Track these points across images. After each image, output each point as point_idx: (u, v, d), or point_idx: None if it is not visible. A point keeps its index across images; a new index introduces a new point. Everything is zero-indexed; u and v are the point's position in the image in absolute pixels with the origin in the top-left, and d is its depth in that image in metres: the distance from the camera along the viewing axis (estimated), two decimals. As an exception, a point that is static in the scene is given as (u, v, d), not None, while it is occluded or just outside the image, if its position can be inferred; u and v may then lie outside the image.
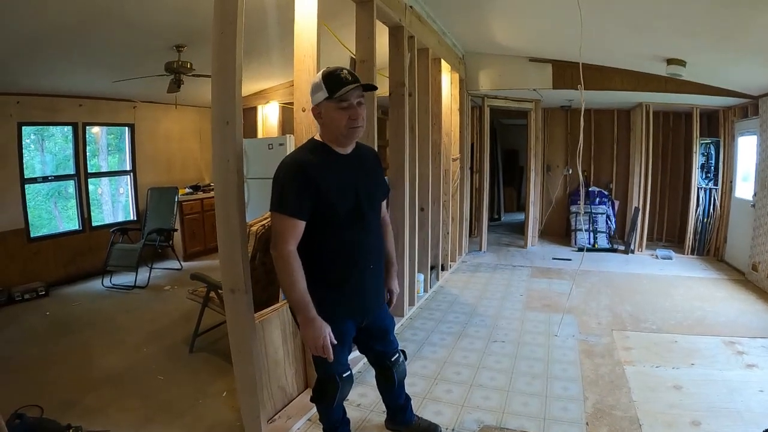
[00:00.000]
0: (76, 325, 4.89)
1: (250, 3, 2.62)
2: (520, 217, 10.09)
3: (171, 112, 7.95)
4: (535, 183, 8.37)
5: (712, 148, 7.45)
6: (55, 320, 5.08)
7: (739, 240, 6.73)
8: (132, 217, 7.76)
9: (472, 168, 8.12)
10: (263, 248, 3.50)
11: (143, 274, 6.44)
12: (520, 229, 9.07)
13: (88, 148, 6.99)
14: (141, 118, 7.73)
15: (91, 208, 7.04)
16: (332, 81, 2.01)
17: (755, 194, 6.23)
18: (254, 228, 3.60)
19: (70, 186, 6.87)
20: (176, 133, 8.33)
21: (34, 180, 6.33)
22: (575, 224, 8.33)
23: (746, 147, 6.82)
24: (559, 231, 9.04)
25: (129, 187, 7.79)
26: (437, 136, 5.74)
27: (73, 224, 6.89)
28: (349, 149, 2.16)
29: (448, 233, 6.40)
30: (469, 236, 8.13)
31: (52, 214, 6.86)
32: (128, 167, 7.73)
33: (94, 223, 7.06)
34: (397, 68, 4.40)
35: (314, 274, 2.10)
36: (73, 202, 6.90)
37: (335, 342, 2.05)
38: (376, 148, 3.59)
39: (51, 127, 6.67)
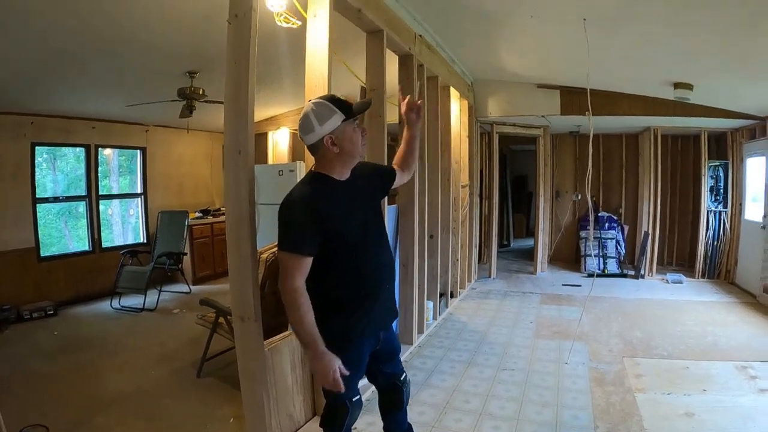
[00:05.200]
0: (84, 346, 4.92)
1: (263, 32, 2.67)
2: (530, 243, 10.05)
3: (183, 137, 8.04)
4: (544, 209, 8.35)
5: (720, 170, 7.46)
6: (63, 340, 5.11)
7: (750, 262, 6.69)
8: (142, 239, 7.84)
9: (481, 195, 8.12)
10: (273, 276, 3.51)
11: (152, 297, 6.45)
12: (529, 255, 8.99)
13: (99, 168, 7.13)
14: (153, 142, 7.85)
15: (102, 229, 7.15)
16: (342, 104, 2.03)
17: (765, 216, 6.25)
18: (264, 255, 3.62)
19: (81, 206, 6.99)
20: (188, 157, 8.44)
21: (45, 200, 6.46)
22: (585, 250, 8.28)
23: (755, 168, 6.83)
24: (568, 257, 8.99)
25: (140, 209, 7.88)
26: (446, 164, 5.77)
27: (83, 244, 6.98)
28: (348, 174, 2.16)
29: (457, 260, 6.39)
30: (479, 262, 8.09)
31: (62, 232, 6.96)
32: (139, 190, 7.84)
33: (104, 245, 7.16)
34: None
35: (331, 302, 2.11)
36: (83, 222, 7.01)
37: (346, 373, 2.01)
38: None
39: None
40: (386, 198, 3.41)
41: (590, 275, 7.65)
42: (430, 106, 5.05)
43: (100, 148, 7.12)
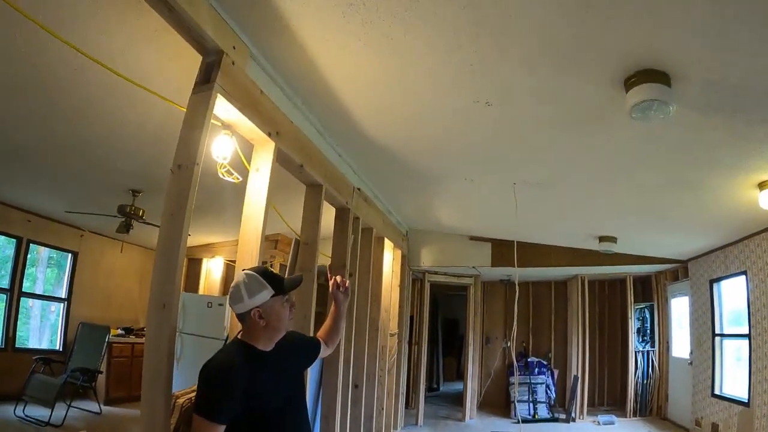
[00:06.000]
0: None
1: (209, 165, 2.70)
2: (460, 386, 9.82)
3: (117, 248, 7.93)
4: (474, 356, 8.40)
5: (646, 312, 7.90)
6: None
7: (680, 397, 6.97)
8: (58, 346, 7.46)
9: (410, 341, 8.09)
10: (187, 421, 3.36)
11: (60, 411, 6.01)
12: (459, 399, 8.82)
13: (28, 255, 6.94)
14: (86, 248, 7.75)
15: (19, 321, 6.84)
16: (274, 279, 2.07)
17: (692, 352, 6.58)
18: (180, 400, 3.45)
19: (2, 297, 6.73)
20: (119, 270, 8.28)
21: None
22: (514, 395, 8.29)
23: (679, 308, 7.30)
24: (499, 402, 8.94)
25: (61, 315, 7.58)
26: (376, 314, 5.75)
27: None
28: (273, 345, 2.16)
29: (382, 409, 6.22)
30: (406, 408, 7.92)
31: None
32: (63, 295, 7.57)
33: (18, 343, 6.81)
34: (340, 250, 4.49)
35: None
36: (1, 307, 6.70)
37: None
38: (313, 315, 3.63)
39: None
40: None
41: (518, 421, 7.61)
42: (362, 258, 5.12)
43: (32, 244, 6.98)
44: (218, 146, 3.33)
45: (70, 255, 7.62)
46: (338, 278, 2.52)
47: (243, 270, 2.15)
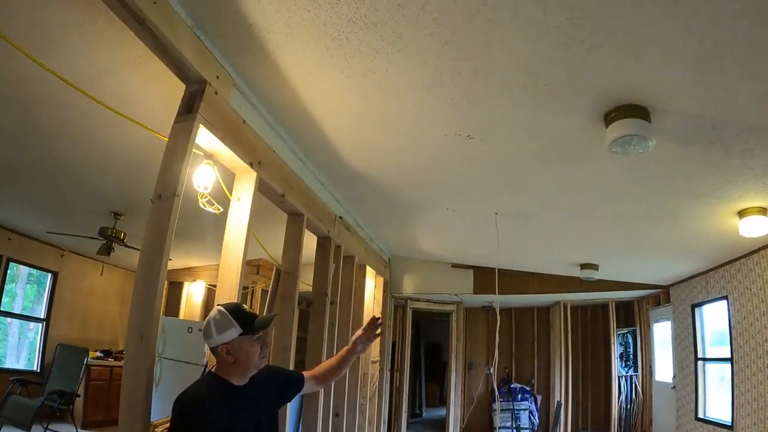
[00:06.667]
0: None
1: (189, 197, 2.68)
2: (443, 412, 9.80)
3: (97, 269, 7.85)
4: (456, 383, 8.38)
5: (629, 337, 7.91)
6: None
7: (664, 421, 6.96)
8: (35, 367, 7.32)
9: (392, 368, 8.07)
10: (164, 451, 3.32)
11: (36, 433, 5.85)
12: (441, 426, 8.80)
13: (8, 272, 6.82)
14: (66, 269, 7.64)
15: None
16: (244, 317, 2.05)
17: (675, 376, 6.58)
18: (158, 430, 3.43)
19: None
20: (99, 291, 8.18)
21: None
22: (497, 422, 8.24)
23: (661, 333, 7.33)
24: (481, 428, 8.89)
25: (39, 335, 7.45)
26: (357, 342, 5.67)
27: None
28: (247, 380, 2.15)
29: (364, 437, 6.16)
30: (388, 435, 7.86)
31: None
32: (42, 315, 7.44)
33: None
34: (321, 278, 4.48)
35: None
36: None
37: None
38: (295, 340, 3.60)
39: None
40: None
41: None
42: (344, 286, 5.10)
43: (11, 262, 6.87)
44: (200, 176, 3.31)
45: (50, 275, 7.51)
46: (377, 332, 2.57)
47: (218, 305, 2.15)
